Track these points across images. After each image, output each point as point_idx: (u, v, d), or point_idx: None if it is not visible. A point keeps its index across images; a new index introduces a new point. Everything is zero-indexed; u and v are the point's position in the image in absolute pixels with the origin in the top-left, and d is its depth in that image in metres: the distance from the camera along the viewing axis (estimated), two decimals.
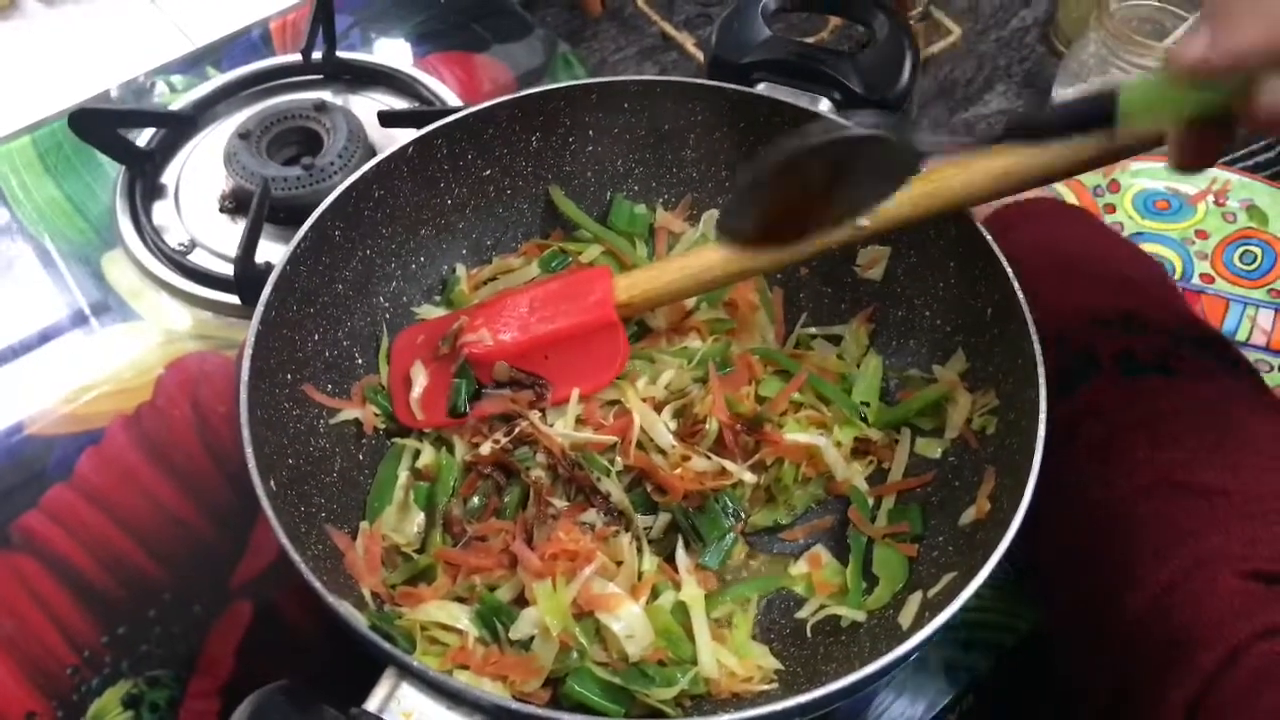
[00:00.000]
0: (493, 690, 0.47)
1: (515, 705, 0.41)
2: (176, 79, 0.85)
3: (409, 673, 0.42)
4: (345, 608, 0.44)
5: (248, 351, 0.50)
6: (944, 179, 0.54)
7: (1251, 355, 0.76)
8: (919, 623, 0.47)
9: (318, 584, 0.44)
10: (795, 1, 0.67)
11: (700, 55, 0.94)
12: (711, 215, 0.66)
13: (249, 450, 0.47)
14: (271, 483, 0.48)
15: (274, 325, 0.53)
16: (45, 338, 0.71)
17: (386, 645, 0.43)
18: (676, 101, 0.63)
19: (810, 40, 0.73)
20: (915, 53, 0.62)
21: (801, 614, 0.54)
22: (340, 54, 0.83)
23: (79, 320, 0.72)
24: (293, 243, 0.54)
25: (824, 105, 0.62)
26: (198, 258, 0.73)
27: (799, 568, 0.55)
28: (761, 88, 0.63)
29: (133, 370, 0.69)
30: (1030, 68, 0.97)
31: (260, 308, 0.52)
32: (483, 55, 0.88)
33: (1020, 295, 0.53)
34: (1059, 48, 0.97)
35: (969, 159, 0.55)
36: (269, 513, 0.46)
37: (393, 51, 0.88)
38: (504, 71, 0.87)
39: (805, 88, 0.62)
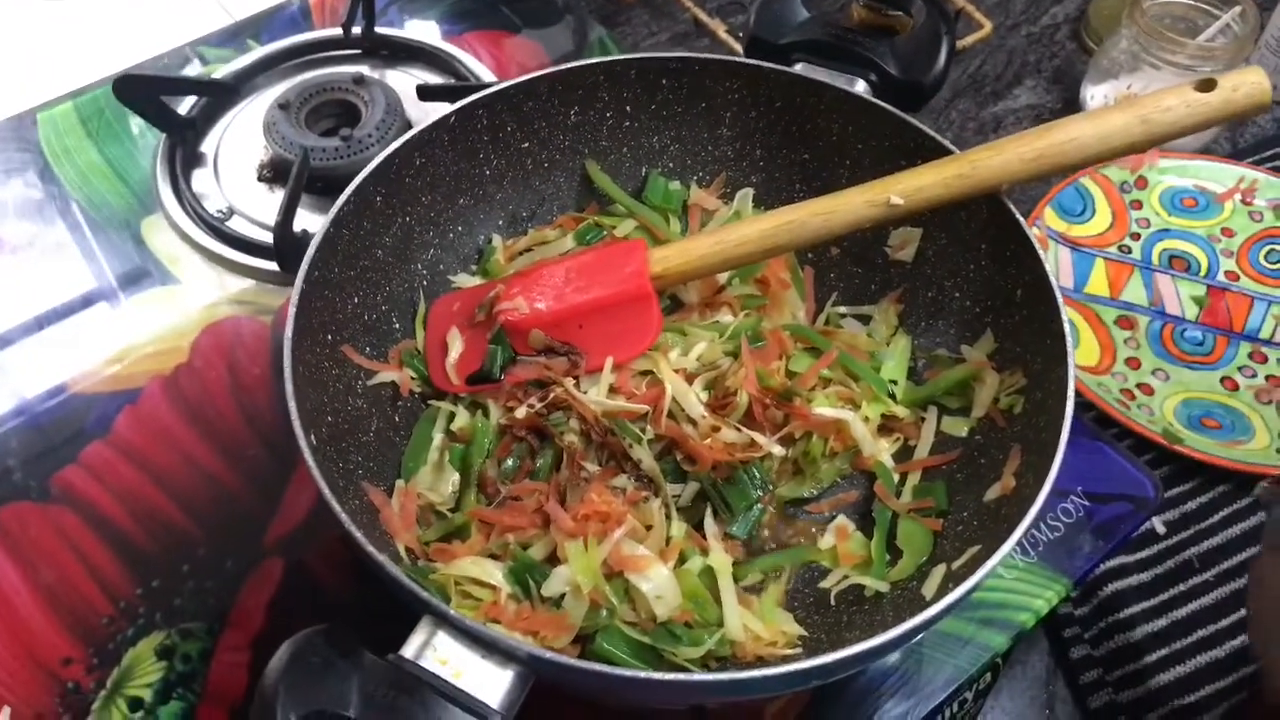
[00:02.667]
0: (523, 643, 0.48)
1: (549, 655, 0.42)
2: (216, 50, 0.86)
3: (445, 621, 0.43)
4: (383, 558, 0.45)
5: (292, 309, 0.51)
6: (977, 161, 0.55)
7: (1274, 354, 0.76)
8: (943, 593, 0.48)
9: (358, 533, 0.45)
10: None
11: (732, 42, 0.95)
12: (746, 193, 0.67)
13: (292, 404, 0.48)
14: (312, 438, 0.49)
15: (317, 285, 0.54)
16: (87, 300, 0.73)
17: (424, 593, 0.44)
18: (715, 79, 0.63)
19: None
20: (952, 39, 0.63)
21: (825, 584, 0.55)
22: (378, 30, 0.84)
23: (119, 283, 0.73)
24: (336, 205, 0.55)
25: (860, 87, 0.63)
26: (236, 225, 0.75)
27: (826, 540, 0.56)
28: (799, 68, 0.64)
29: (170, 333, 0.71)
30: (1060, 64, 0.97)
31: (304, 266, 0.53)
32: (517, 36, 0.89)
33: (1051, 276, 0.54)
34: (1089, 44, 0.97)
35: (1002, 141, 0.56)
36: (311, 465, 0.47)
37: (428, 29, 0.89)
38: (539, 53, 0.88)
39: (842, 69, 0.63)
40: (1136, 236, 0.83)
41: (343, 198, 0.56)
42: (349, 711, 0.41)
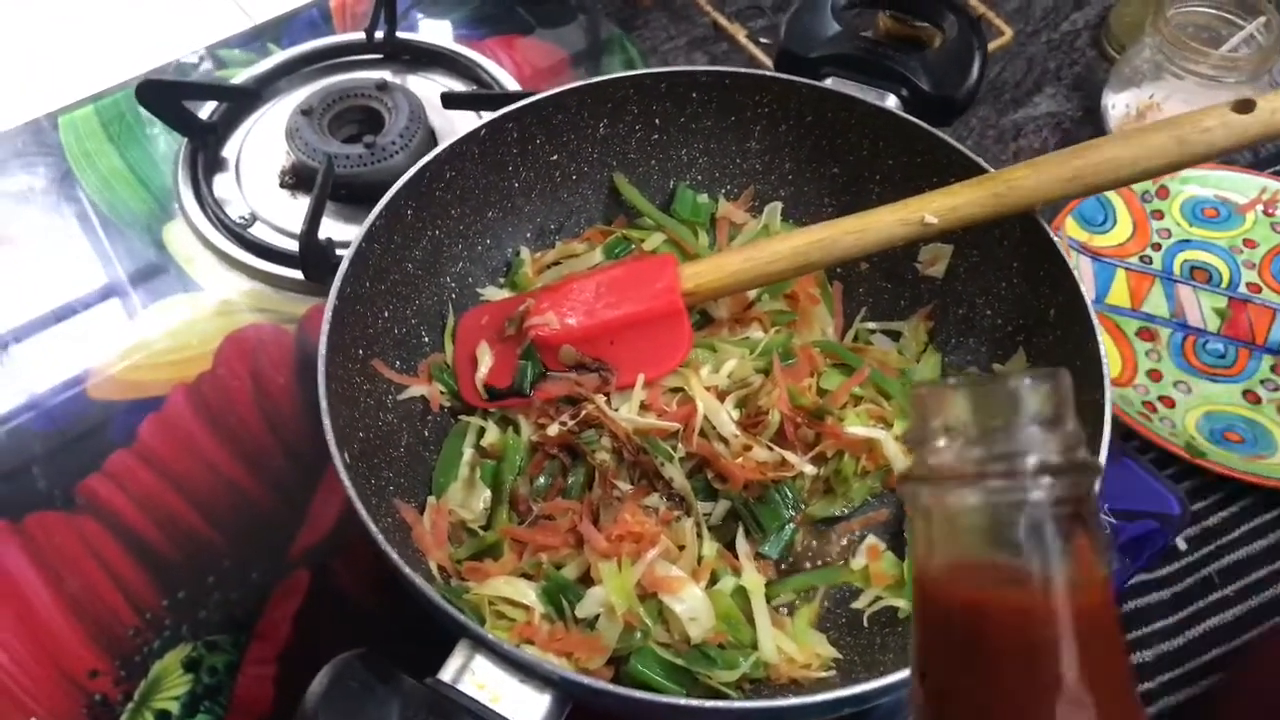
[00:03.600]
0: (558, 665, 0.48)
1: (588, 681, 0.42)
2: (236, 54, 0.86)
3: (483, 645, 0.43)
4: (421, 581, 0.45)
5: (325, 326, 0.51)
6: (1012, 180, 0.55)
7: None
8: None
9: (395, 555, 0.45)
10: None
11: (751, 47, 0.95)
12: (774, 207, 0.66)
13: (327, 421, 0.48)
14: (346, 455, 0.49)
15: (348, 300, 0.54)
16: (108, 306, 0.72)
17: (462, 617, 0.43)
18: (744, 93, 0.63)
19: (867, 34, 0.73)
20: (984, 53, 0.63)
21: (858, 604, 0.55)
22: (400, 34, 0.84)
23: (141, 289, 0.73)
24: (368, 220, 0.55)
25: (891, 101, 0.63)
26: (258, 231, 0.74)
27: (858, 560, 0.56)
28: (829, 82, 0.63)
29: (193, 339, 0.71)
30: (1080, 71, 0.97)
31: (337, 282, 0.53)
32: (531, 38, 0.89)
33: (1086, 297, 0.53)
34: (1110, 52, 0.97)
35: (1038, 160, 0.56)
36: (347, 484, 0.47)
37: (448, 33, 0.89)
38: (555, 53, 0.88)
39: (873, 84, 0.63)
40: (1158, 247, 0.83)
41: (374, 212, 0.55)
42: None
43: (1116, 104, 0.91)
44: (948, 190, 0.55)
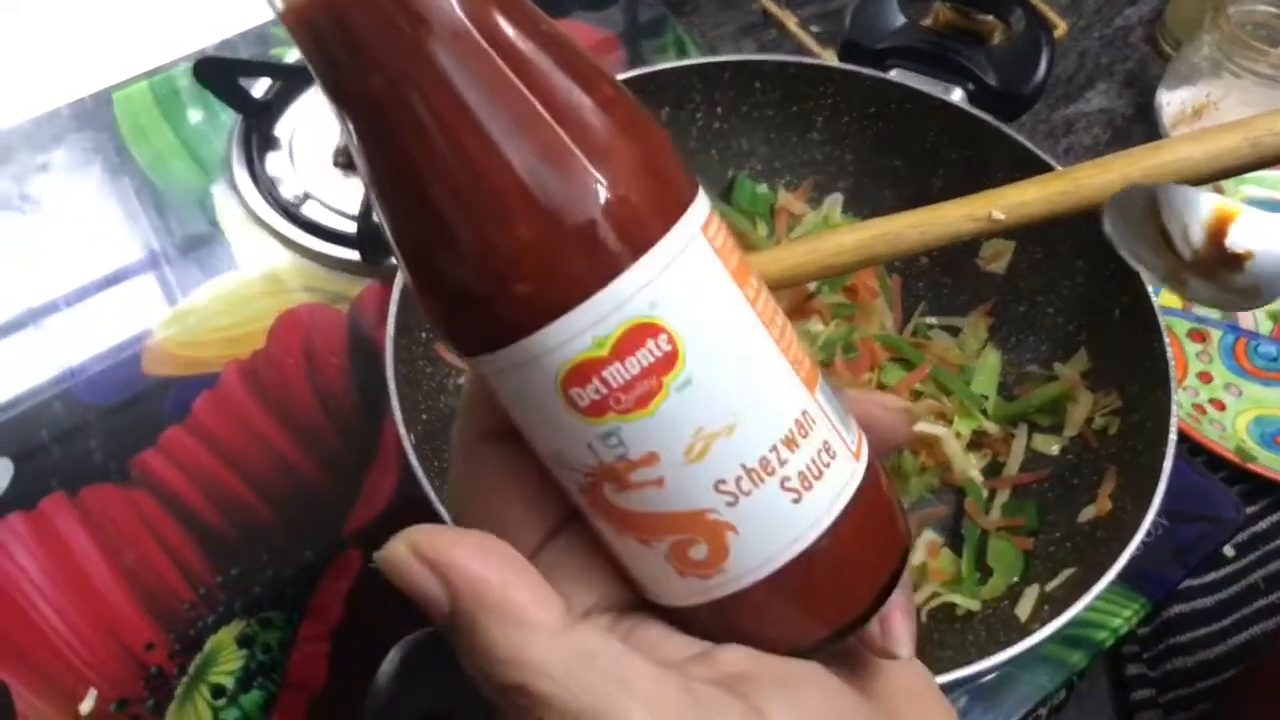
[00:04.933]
0: None
1: None
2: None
3: None
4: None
5: (393, 307, 0.51)
6: (1081, 178, 0.54)
7: None
8: (1037, 615, 0.48)
9: None
10: None
11: (802, 34, 0.94)
12: (834, 199, 0.66)
13: (395, 402, 0.49)
14: (412, 436, 0.49)
15: None
16: (161, 281, 0.73)
17: None
18: (808, 83, 0.63)
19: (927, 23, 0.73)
20: (1052, 49, 0.62)
21: (916, 600, 0.55)
22: None
23: (193, 265, 0.73)
24: None
25: (956, 95, 0.62)
26: (311, 210, 0.75)
27: (916, 555, 0.56)
28: (894, 74, 0.63)
29: (246, 316, 0.71)
30: (1133, 67, 0.96)
31: None
32: (576, 20, 0.89)
33: (1153, 297, 0.53)
34: (1165, 48, 0.96)
35: (1109, 158, 0.55)
36: (415, 464, 0.47)
37: None
38: (600, 34, 0.87)
39: (939, 76, 0.62)
40: None
41: None
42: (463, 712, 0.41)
43: (1171, 101, 0.90)
44: (1016, 186, 0.55)
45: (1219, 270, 0.44)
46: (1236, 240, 0.45)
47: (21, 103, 0.81)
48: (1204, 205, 0.46)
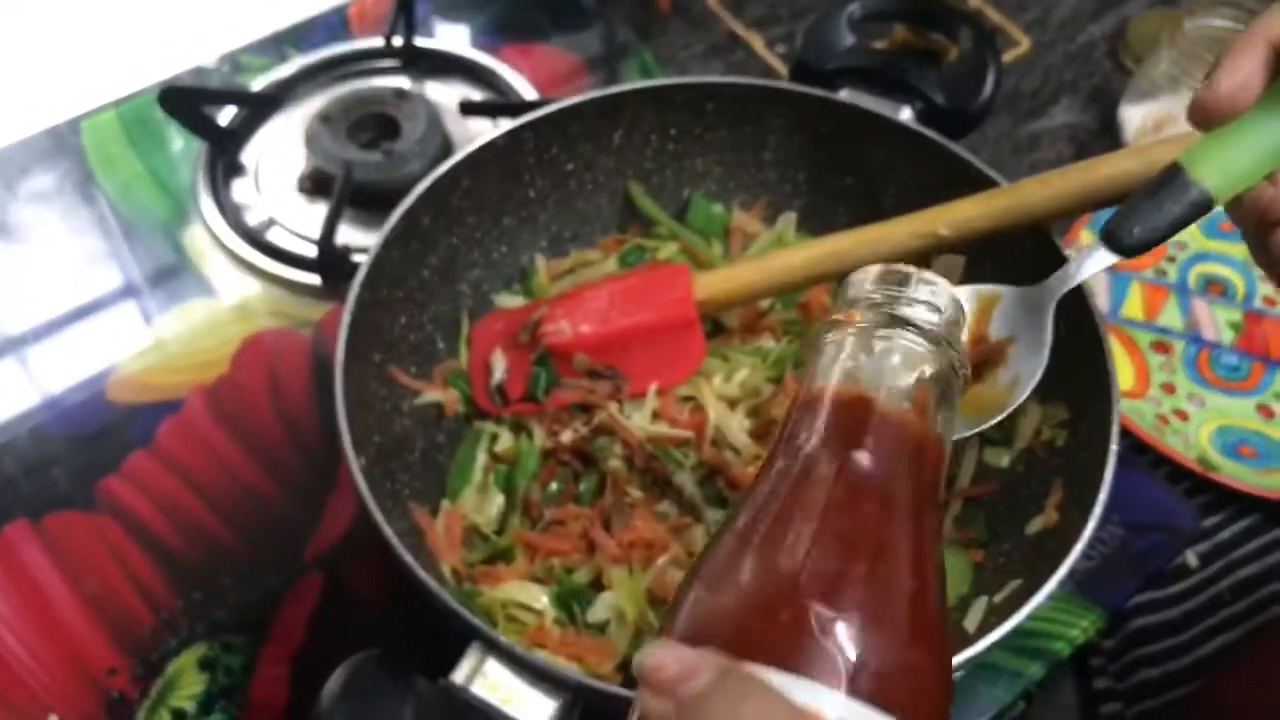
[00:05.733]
0: (568, 669, 0.48)
1: (599, 684, 0.43)
2: (255, 59, 0.87)
3: (495, 648, 0.44)
4: (435, 585, 0.46)
5: (343, 333, 0.52)
6: (1026, 193, 0.55)
7: None
8: (985, 627, 0.48)
9: (409, 559, 0.46)
10: (881, 11, 0.68)
11: (769, 56, 0.95)
12: (788, 217, 0.67)
13: (343, 426, 0.49)
14: (363, 459, 0.50)
15: (366, 307, 0.54)
16: (127, 308, 0.73)
17: (475, 620, 0.44)
18: (760, 104, 0.64)
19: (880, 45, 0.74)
20: (998, 67, 0.63)
21: None
22: (417, 41, 0.85)
23: (159, 292, 0.74)
24: (386, 227, 0.56)
25: (905, 114, 0.63)
26: (275, 236, 0.75)
27: None
28: (844, 94, 0.64)
29: (211, 342, 0.71)
30: (1097, 82, 0.97)
31: (355, 289, 0.53)
32: (547, 45, 0.90)
33: (1096, 311, 0.54)
34: (1127, 64, 0.97)
35: (1050, 174, 0.56)
36: (362, 488, 0.47)
37: (466, 40, 0.90)
38: (572, 60, 0.89)
39: (888, 95, 0.63)
40: (1172, 259, 0.83)
41: (392, 220, 0.56)
42: None
43: (1133, 116, 0.91)
44: (960, 203, 0.56)
45: (984, 372, 0.45)
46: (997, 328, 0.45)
47: None
48: (968, 299, 0.47)
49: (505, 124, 0.61)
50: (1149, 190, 0.41)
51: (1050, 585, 0.46)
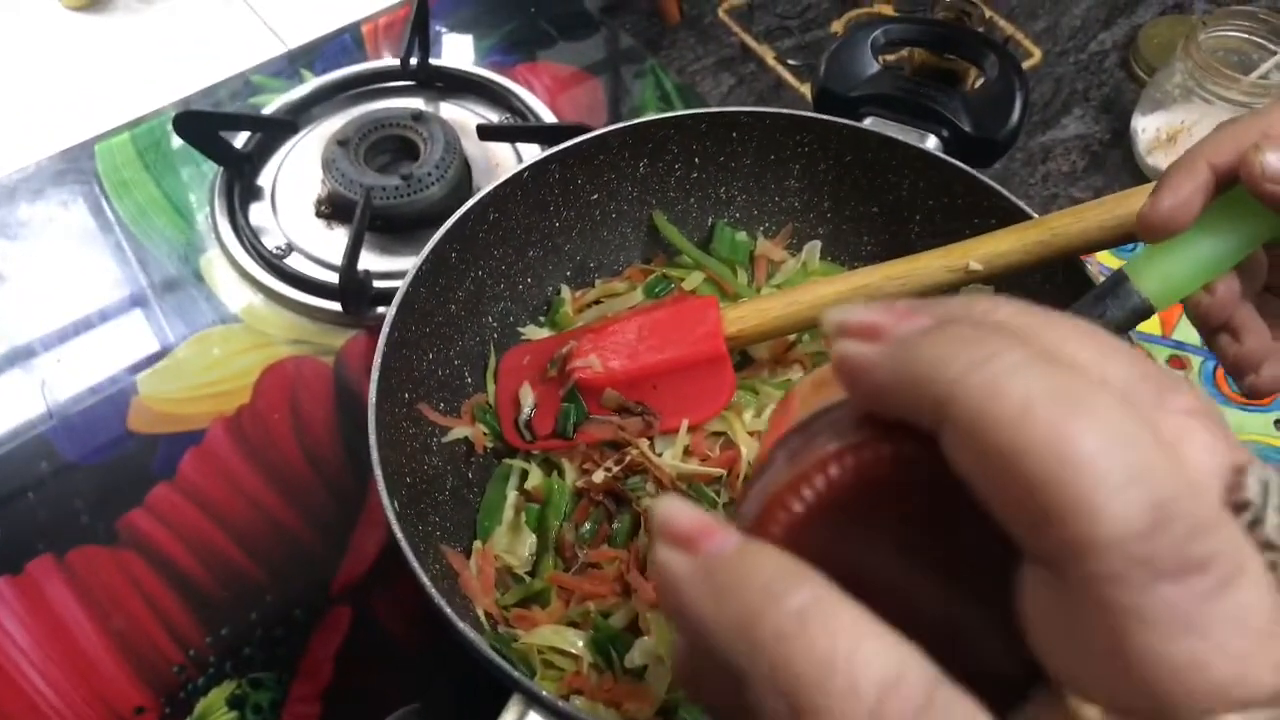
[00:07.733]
0: (608, 718, 0.48)
1: None
2: (270, 80, 0.86)
3: (536, 701, 0.44)
4: (473, 634, 0.45)
5: (375, 374, 0.51)
6: (1057, 228, 0.55)
7: None
8: None
9: (448, 609, 0.45)
10: (906, 38, 0.67)
11: (780, 68, 0.95)
12: (813, 245, 0.67)
13: (378, 471, 0.49)
14: (396, 503, 0.49)
15: (395, 346, 0.54)
16: (145, 337, 0.73)
17: (515, 673, 0.44)
18: (785, 133, 0.63)
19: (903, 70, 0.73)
20: (1026, 94, 0.63)
21: None
22: (432, 62, 0.84)
23: (177, 320, 0.73)
24: (415, 265, 0.55)
25: (931, 142, 0.63)
26: (294, 262, 0.75)
27: None
28: (869, 122, 0.63)
29: (231, 371, 0.71)
30: (1108, 93, 0.97)
31: (385, 329, 0.53)
32: (560, 64, 0.89)
33: (1131, 341, 0.54)
34: (1139, 73, 0.96)
35: (1082, 207, 0.56)
36: (399, 536, 0.47)
37: (476, 57, 0.89)
38: (585, 78, 0.88)
39: (913, 124, 0.63)
40: None
41: (420, 257, 0.56)
42: None
43: (1146, 127, 0.90)
44: (992, 236, 0.55)
45: None
46: None
47: (2, 155, 0.81)
48: None
49: (530, 155, 0.61)
50: (1097, 294, 0.44)
51: None
